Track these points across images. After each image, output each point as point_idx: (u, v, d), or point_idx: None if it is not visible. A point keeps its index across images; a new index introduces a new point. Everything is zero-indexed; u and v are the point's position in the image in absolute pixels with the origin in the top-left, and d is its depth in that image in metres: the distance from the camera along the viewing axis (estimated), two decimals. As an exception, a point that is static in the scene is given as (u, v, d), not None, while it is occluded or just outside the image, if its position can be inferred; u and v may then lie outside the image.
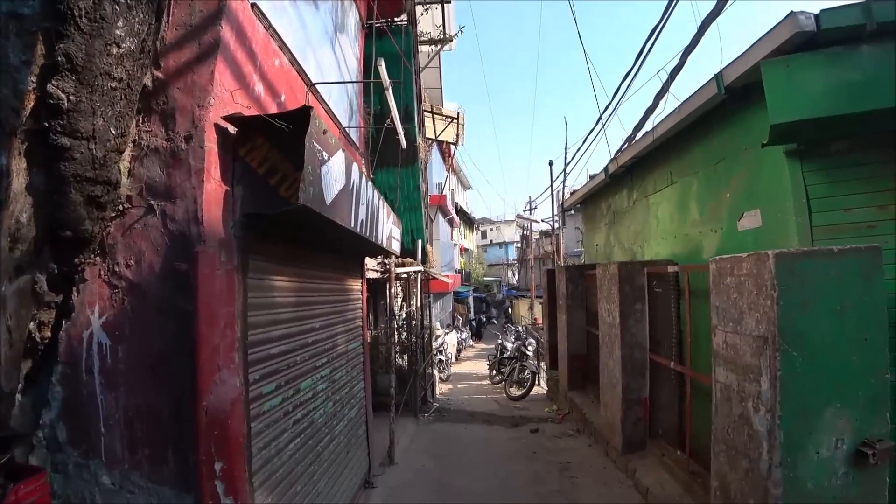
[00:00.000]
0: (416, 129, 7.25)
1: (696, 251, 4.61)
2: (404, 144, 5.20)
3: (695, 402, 3.96)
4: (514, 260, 46.50)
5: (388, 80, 3.49)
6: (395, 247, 4.93)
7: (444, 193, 20.71)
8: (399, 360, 8.37)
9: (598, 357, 7.00)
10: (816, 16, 2.91)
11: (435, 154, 18.23)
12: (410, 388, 7.49)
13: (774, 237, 3.53)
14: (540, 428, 6.69)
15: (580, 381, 7.28)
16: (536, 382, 9.40)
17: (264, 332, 2.48)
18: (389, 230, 4.62)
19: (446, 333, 14.96)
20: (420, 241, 7.51)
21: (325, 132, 2.25)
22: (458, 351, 18.28)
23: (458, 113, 8.63)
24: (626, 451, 4.76)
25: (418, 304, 7.70)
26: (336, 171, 2.45)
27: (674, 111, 4.39)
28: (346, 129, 4.58)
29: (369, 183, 3.33)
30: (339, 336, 4.01)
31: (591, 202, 8.01)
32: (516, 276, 43.00)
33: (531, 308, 24.92)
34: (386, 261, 5.35)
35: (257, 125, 2.20)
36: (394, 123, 4.37)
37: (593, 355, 7.08)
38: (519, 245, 46.08)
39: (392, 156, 7.18)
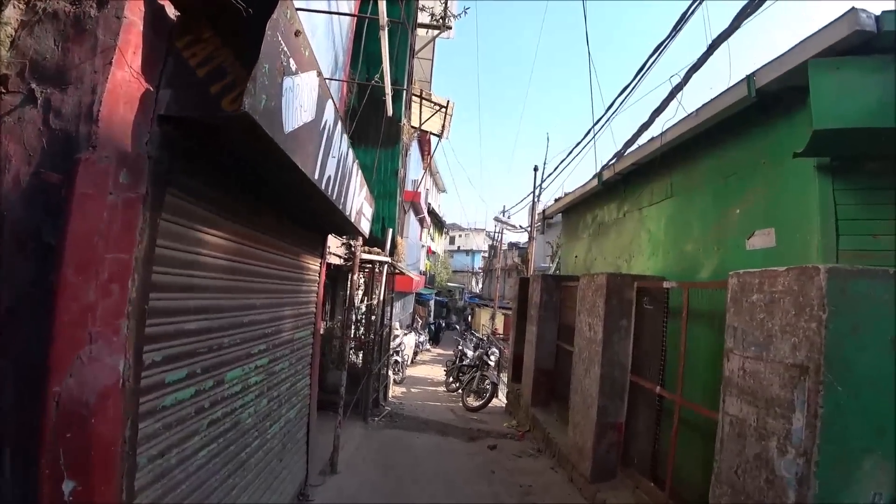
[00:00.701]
0: (403, 108, 6.68)
1: (691, 269, 4.27)
2: (390, 111, 4.62)
3: (681, 434, 3.57)
4: (479, 268, 46.59)
5: (385, 18, 2.93)
6: (365, 227, 4.33)
7: (418, 191, 20.14)
8: (353, 357, 7.70)
9: (566, 373, 6.61)
10: (877, 17, 2.60)
11: (414, 150, 17.66)
12: (363, 388, 6.84)
13: (789, 259, 3.20)
14: (499, 444, 6.20)
15: (544, 398, 6.86)
16: (496, 394, 8.93)
17: (176, 298, 1.84)
18: (360, 205, 4.02)
19: (405, 334, 14.32)
20: (391, 231, 6.91)
21: (297, 34, 1.66)
22: (415, 353, 17.66)
23: (448, 101, 8.11)
24: (595, 478, 4.33)
25: (381, 298, 7.08)
26: (304, 96, 1.86)
27: (690, 115, 4.05)
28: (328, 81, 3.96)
29: (344, 135, 2.74)
30: (286, 321, 3.37)
31: (575, 211, 7.67)
32: (480, 285, 42.99)
33: (493, 318, 24.71)
34: (352, 243, 4.73)
35: (209, 11, 1.59)
36: (382, 81, 3.79)
37: (562, 371, 6.69)
38: (486, 255, 46.22)
39: (373, 134, 6.57)
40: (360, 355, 7.18)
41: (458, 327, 25.89)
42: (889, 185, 2.83)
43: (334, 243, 4.69)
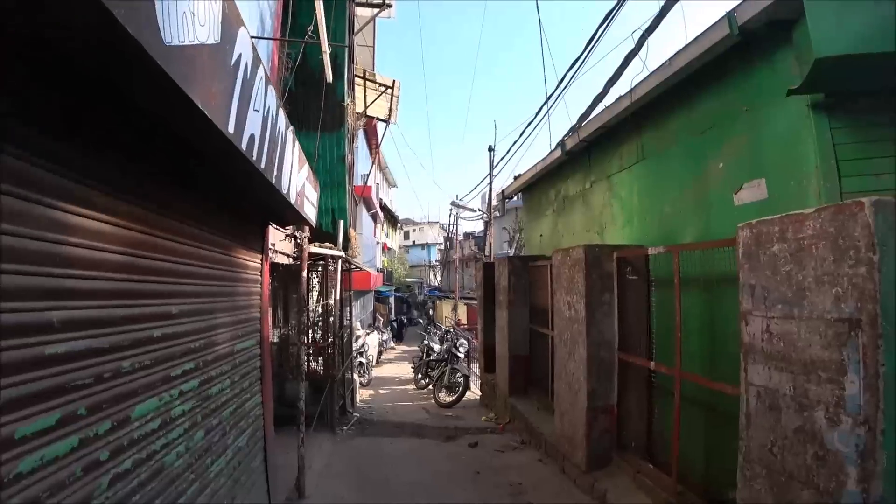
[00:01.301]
0: (346, 88, 6.04)
1: (673, 234, 4.02)
2: (330, 77, 4.02)
3: (684, 412, 3.29)
4: (436, 261, 46.38)
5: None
6: (310, 213, 3.72)
7: (369, 184, 19.38)
8: (313, 364, 7.03)
9: (543, 358, 6.32)
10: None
11: (361, 143, 16.87)
12: (326, 397, 6.20)
13: (786, 210, 2.97)
14: (480, 441, 5.80)
15: (522, 386, 6.53)
16: (469, 387, 8.54)
17: (31, 309, 1.23)
18: (302, 185, 3.41)
19: (367, 334, 13.67)
20: (342, 223, 6.28)
21: None
22: (380, 353, 17.02)
23: (394, 82, 7.51)
24: (590, 467, 4.01)
25: (338, 297, 6.44)
26: (201, 7, 1.29)
27: (662, 65, 3.75)
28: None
29: (271, 88, 2.15)
30: (222, 331, 2.74)
31: (537, 188, 7.37)
32: (439, 278, 42.83)
33: (454, 309, 24.42)
34: (298, 234, 4.10)
35: None
36: (317, 36, 3.19)
37: (537, 357, 6.39)
38: (441, 247, 45.99)
39: (314, 119, 5.89)
40: (320, 361, 6.53)
41: (421, 321, 25.39)
42: (888, 122, 2.62)
43: (277, 237, 4.05)
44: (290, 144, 2.72)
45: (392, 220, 37.76)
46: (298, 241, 3.99)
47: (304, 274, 3.99)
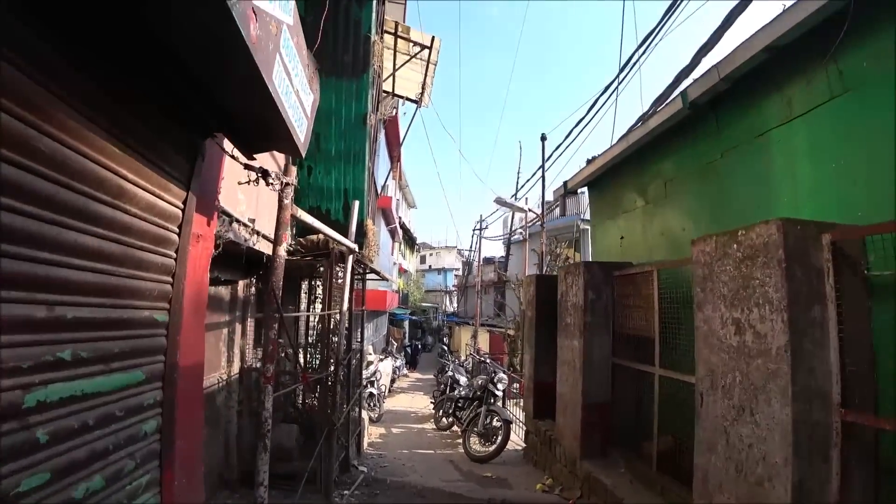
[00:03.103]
0: (374, 15, 4.45)
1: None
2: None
3: None
4: (453, 286, 44.89)
5: None
6: (301, 130, 2.01)
7: (389, 196, 17.94)
8: (310, 400, 5.23)
9: (628, 406, 4.44)
10: None
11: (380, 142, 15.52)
12: (322, 448, 4.35)
13: None
14: (546, 530, 3.86)
15: (599, 445, 4.60)
16: (509, 436, 6.59)
17: None
18: (296, 73, 1.73)
19: (381, 360, 11.84)
20: (357, 206, 4.59)
21: None
22: (392, 381, 15.12)
23: (433, 39, 5.92)
24: None
25: (345, 308, 4.67)
26: None
27: None
28: None
29: None
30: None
31: (614, 179, 5.60)
32: (455, 304, 41.17)
33: (475, 336, 22.48)
34: (277, 174, 2.34)
35: None
36: None
37: (623, 403, 4.50)
38: (458, 272, 44.38)
39: (328, 60, 4.31)
40: (316, 396, 4.73)
41: (444, 348, 23.48)
42: None
43: (234, 172, 2.35)
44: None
45: (410, 241, 36.39)
46: (279, 181, 2.21)
47: (281, 252, 2.20)
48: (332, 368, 4.26)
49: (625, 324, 4.52)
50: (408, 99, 7.54)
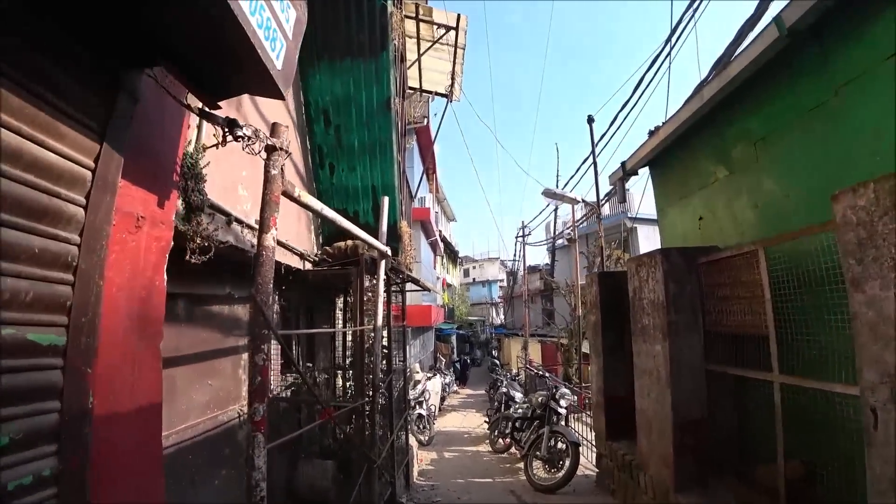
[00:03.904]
0: (387, -12, 3.93)
1: None
2: None
3: None
4: (499, 297, 44.12)
5: None
6: (277, 56, 1.41)
7: (427, 207, 17.53)
8: (349, 428, 4.64)
9: (726, 422, 3.56)
10: None
11: (413, 152, 15.20)
12: (362, 487, 3.72)
13: None
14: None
15: (697, 474, 3.69)
16: (579, 459, 5.70)
17: None
18: None
19: (429, 378, 11.18)
20: (387, 204, 4.01)
21: None
22: (442, 399, 14.41)
23: (459, 18, 5.35)
24: None
25: (378, 323, 4.04)
26: None
27: None
28: None
29: None
30: None
31: (680, 151, 4.74)
32: (503, 315, 40.28)
33: (525, 347, 21.46)
34: (270, 140, 1.71)
35: None
36: None
37: (721, 420, 3.61)
38: (503, 284, 43.46)
39: (340, 38, 3.83)
40: (354, 424, 4.12)
41: (495, 361, 22.62)
42: None
43: (208, 131, 1.79)
44: None
45: (452, 255, 35.96)
46: (249, 144, 1.60)
47: (268, 241, 1.57)
48: (371, 394, 3.63)
49: (719, 320, 3.64)
50: (437, 94, 7.01)
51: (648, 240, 17.49)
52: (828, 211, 2.30)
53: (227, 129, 1.50)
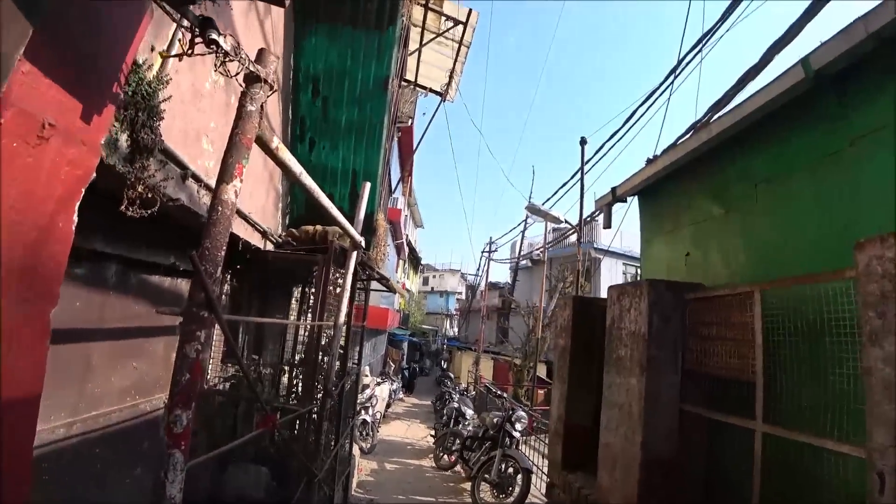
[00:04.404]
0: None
1: None
2: None
3: None
4: (455, 310, 44.13)
5: None
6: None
7: (399, 208, 17.14)
8: (288, 431, 4.16)
9: (695, 465, 3.43)
10: None
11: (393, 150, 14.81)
12: (300, 499, 3.26)
13: None
14: None
15: (662, 517, 3.51)
16: (529, 488, 5.46)
17: None
18: None
19: (378, 384, 10.69)
20: (368, 189, 3.64)
21: None
22: (387, 405, 13.90)
23: (469, 13, 5.09)
24: None
25: (340, 321, 3.64)
26: None
27: None
28: None
29: None
30: None
31: (675, 183, 4.67)
32: (456, 328, 40.23)
33: (477, 363, 21.30)
34: (254, 67, 1.33)
35: None
36: None
37: (691, 463, 3.45)
38: (461, 296, 43.53)
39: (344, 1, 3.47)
40: (296, 428, 3.67)
41: (447, 374, 22.27)
42: None
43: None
44: None
45: (415, 261, 35.51)
46: (224, 63, 1.23)
47: (227, 195, 1.20)
48: (320, 398, 3.21)
49: (700, 360, 3.50)
50: (432, 90, 6.72)
51: (610, 272, 17.83)
52: (827, 261, 2.18)
53: (197, 32, 1.13)
